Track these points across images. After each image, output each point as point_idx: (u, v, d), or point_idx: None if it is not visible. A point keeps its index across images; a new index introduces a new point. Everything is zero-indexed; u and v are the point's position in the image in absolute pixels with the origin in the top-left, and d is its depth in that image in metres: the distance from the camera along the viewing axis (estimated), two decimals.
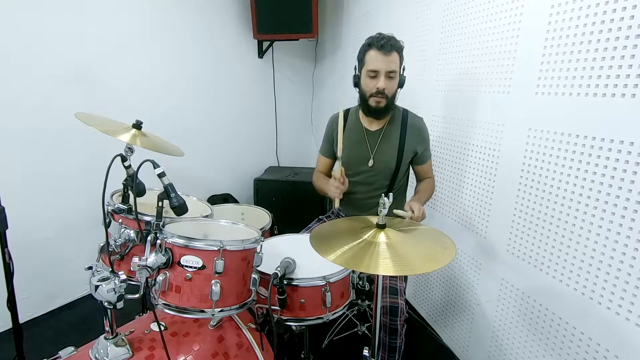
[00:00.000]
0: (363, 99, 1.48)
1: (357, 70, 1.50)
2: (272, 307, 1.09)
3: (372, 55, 1.40)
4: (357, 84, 1.50)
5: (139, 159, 1.00)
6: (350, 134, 1.60)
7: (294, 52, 3.25)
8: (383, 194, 1.00)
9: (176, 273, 0.99)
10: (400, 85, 1.47)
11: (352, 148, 1.58)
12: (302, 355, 1.45)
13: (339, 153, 1.45)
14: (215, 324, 1.17)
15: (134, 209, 1.03)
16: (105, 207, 1.08)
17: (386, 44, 1.37)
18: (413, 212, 1.32)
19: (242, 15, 2.85)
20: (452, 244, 0.96)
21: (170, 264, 0.98)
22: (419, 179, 1.66)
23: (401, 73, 1.46)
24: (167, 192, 0.99)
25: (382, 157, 1.55)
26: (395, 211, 1.32)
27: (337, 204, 1.48)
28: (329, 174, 1.74)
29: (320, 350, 1.71)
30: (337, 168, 1.44)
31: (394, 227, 1.03)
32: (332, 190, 1.44)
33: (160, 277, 0.98)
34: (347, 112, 1.64)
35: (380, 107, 1.45)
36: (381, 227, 1.00)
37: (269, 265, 1.10)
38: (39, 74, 1.86)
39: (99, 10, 2.05)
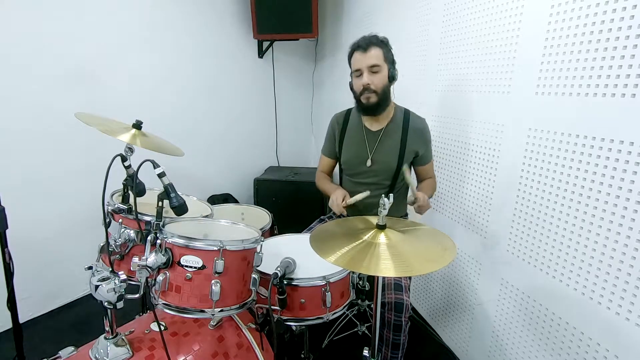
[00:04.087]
0: (356, 100, 1.51)
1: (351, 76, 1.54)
2: (272, 307, 1.09)
3: (354, 57, 1.46)
4: (352, 87, 1.54)
5: (139, 159, 1.00)
6: (352, 134, 1.61)
7: (294, 52, 3.25)
8: (383, 195, 1.00)
9: (176, 273, 0.99)
10: (391, 79, 1.47)
11: (352, 148, 1.59)
12: (302, 355, 1.45)
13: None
14: (215, 324, 1.17)
15: (134, 209, 1.03)
16: (105, 207, 1.08)
17: (362, 43, 1.43)
18: (419, 198, 1.35)
19: (242, 15, 2.85)
20: (452, 245, 0.96)
21: (170, 263, 0.98)
22: (420, 180, 1.66)
23: (391, 67, 1.46)
24: (167, 192, 0.99)
25: (382, 158, 1.55)
26: (405, 168, 1.34)
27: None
28: (331, 174, 1.75)
29: (320, 350, 1.71)
30: (357, 197, 1.44)
31: (394, 227, 1.03)
32: (334, 207, 1.48)
33: (160, 277, 0.98)
34: (349, 112, 1.66)
35: (371, 102, 1.46)
36: (381, 227, 1.00)
37: (269, 265, 1.10)
38: (39, 74, 1.86)
39: (99, 11, 2.05)
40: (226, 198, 2.97)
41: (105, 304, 0.95)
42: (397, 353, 1.32)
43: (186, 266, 0.98)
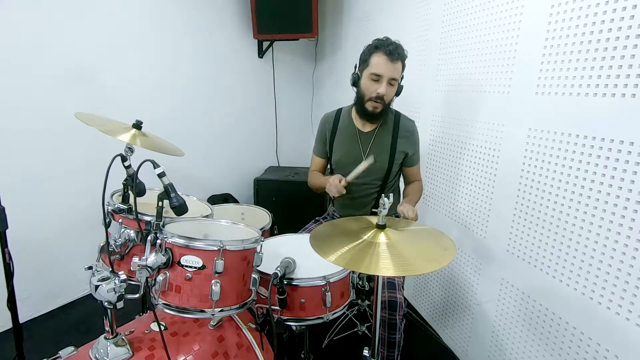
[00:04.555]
0: (360, 101, 1.49)
1: (357, 69, 1.49)
2: (272, 307, 1.09)
3: (379, 59, 1.39)
4: (355, 83, 1.50)
5: (139, 159, 1.00)
6: (343, 135, 1.60)
7: (294, 52, 3.25)
8: (383, 195, 1.00)
9: (176, 273, 0.99)
10: (397, 93, 1.49)
11: (345, 149, 1.59)
12: (302, 355, 1.45)
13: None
14: (215, 324, 1.17)
15: (134, 209, 1.03)
16: (105, 207, 1.08)
17: (394, 51, 1.37)
18: (405, 214, 1.34)
19: (242, 15, 2.85)
20: (452, 244, 0.96)
21: (170, 263, 0.98)
22: (407, 182, 1.67)
23: (399, 82, 1.47)
24: (167, 192, 0.99)
25: (375, 158, 1.55)
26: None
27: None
28: (323, 174, 1.74)
29: (320, 350, 1.71)
30: (356, 172, 1.41)
31: (394, 227, 1.03)
32: (332, 190, 1.43)
33: (160, 277, 0.98)
34: (339, 112, 1.65)
35: (376, 112, 1.46)
36: (381, 227, 1.00)
37: (269, 265, 1.10)
38: (39, 74, 1.86)
39: (99, 11, 2.05)
40: (226, 198, 2.97)
41: (105, 304, 0.95)
42: (394, 352, 1.32)
43: (186, 266, 0.98)
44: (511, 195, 1.40)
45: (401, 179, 1.71)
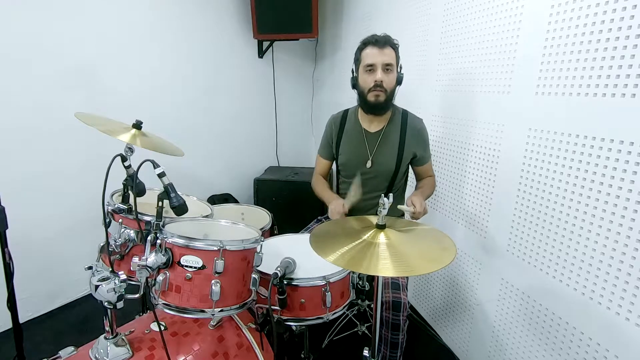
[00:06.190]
0: (362, 97, 1.49)
1: (354, 72, 1.51)
2: (272, 307, 1.09)
3: (368, 51, 1.43)
4: (355, 85, 1.51)
5: (139, 159, 1.00)
6: (350, 135, 1.60)
7: (294, 52, 3.25)
8: (383, 194, 1.00)
9: (176, 273, 0.99)
10: (399, 82, 1.47)
11: (351, 149, 1.58)
12: (302, 355, 1.45)
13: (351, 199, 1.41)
14: (215, 324, 1.17)
15: (134, 209, 1.03)
16: (105, 207, 1.08)
17: (380, 39, 1.41)
18: (415, 206, 1.33)
19: (242, 15, 2.85)
20: (452, 244, 0.96)
21: (170, 263, 0.98)
22: (419, 179, 1.66)
23: (398, 70, 1.47)
24: (167, 192, 0.99)
25: (381, 159, 1.54)
26: (398, 207, 1.33)
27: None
28: (327, 175, 1.74)
29: (320, 350, 1.71)
30: (350, 200, 1.40)
31: (393, 227, 1.03)
32: (334, 214, 1.42)
33: (160, 277, 0.98)
34: (346, 113, 1.65)
35: (379, 101, 1.44)
36: (381, 227, 1.00)
37: (269, 265, 1.10)
38: (39, 74, 1.86)
39: (99, 10, 2.05)
40: (226, 198, 2.97)
41: (105, 304, 0.95)
42: (396, 352, 1.32)
43: (186, 266, 0.98)
44: (511, 195, 1.40)
45: (408, 181, 1.69)
